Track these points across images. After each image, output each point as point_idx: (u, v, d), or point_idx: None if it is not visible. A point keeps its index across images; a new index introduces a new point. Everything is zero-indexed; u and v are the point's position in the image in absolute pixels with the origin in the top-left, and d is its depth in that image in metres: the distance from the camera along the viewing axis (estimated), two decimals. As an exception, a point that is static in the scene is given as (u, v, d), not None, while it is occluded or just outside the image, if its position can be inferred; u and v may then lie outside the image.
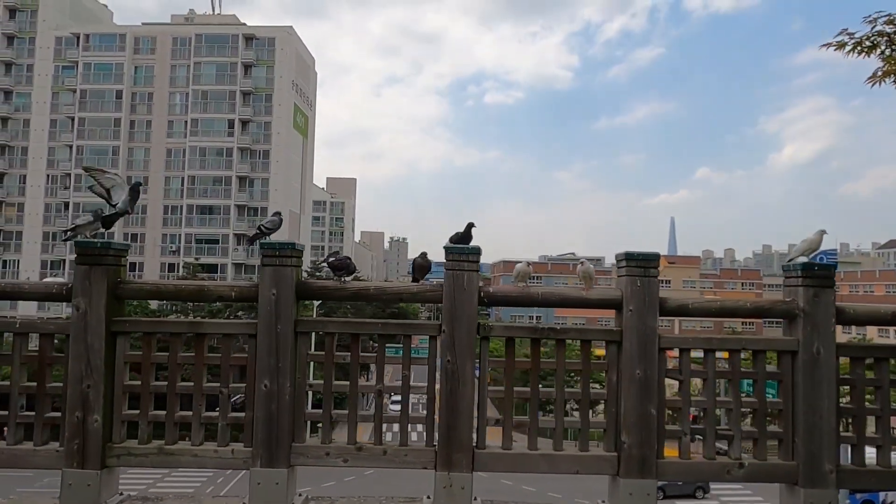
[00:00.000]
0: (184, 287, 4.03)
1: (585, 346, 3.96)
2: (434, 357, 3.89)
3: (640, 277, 3.82)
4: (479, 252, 3.85)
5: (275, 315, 3.78)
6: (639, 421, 3.77)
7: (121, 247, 3.90)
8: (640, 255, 3.85)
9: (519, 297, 3.96)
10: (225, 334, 3.93)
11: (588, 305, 3.98)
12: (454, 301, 3.81)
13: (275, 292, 3.79)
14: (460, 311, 3.80)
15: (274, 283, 3.79)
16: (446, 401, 3.78)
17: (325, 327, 3.92)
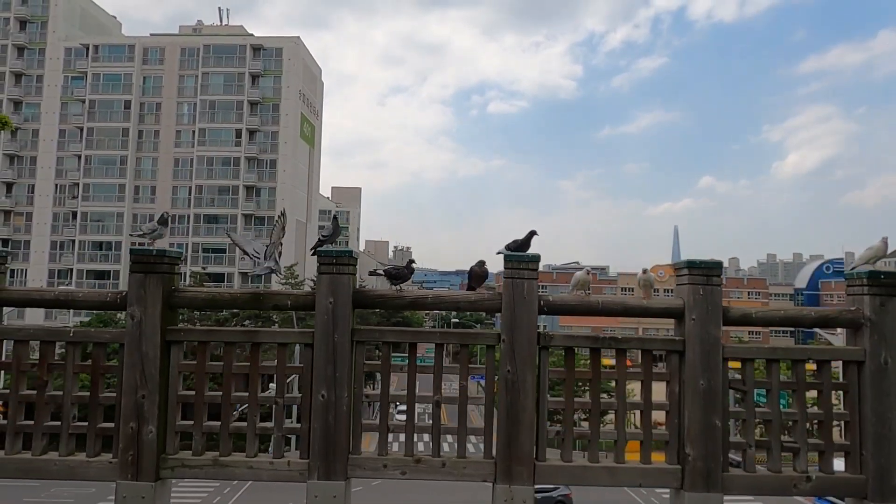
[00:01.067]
0: (239, 296, 3.97)
1: (646, 356, 3.88)
2: (492, 367, 3.82)
3: (703, 286, 3.75)
4: (538, 260, 3.79)
5: (332, 324, 3.72)
6: (703, 433, 3.69)
7: (175, 255, 3.85)
8: (703, 263, 3.79)
9: (579, 305, 3.89)
10: (280, 343, 3.87)
11: (649, 314, 3.91)
12: (514, 310, 3.74)
13: (332, 301, 3.73)
14: (520, 320, 3.73)
15: (331, 292, 3.74)
16: (506, 412, 3.70)
17: (382, 336, 3.86)
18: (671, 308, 3.85)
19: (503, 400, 3.71)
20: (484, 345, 3.84)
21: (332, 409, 3.68)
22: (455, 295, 4.02)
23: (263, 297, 3.86)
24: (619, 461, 3.78)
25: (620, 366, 3.84)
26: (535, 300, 3.75)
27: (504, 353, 3.73)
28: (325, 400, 3.69)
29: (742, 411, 3.81)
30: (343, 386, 3.70)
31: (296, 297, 3.86)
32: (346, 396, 3.71)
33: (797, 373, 3.83)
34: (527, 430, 3.69)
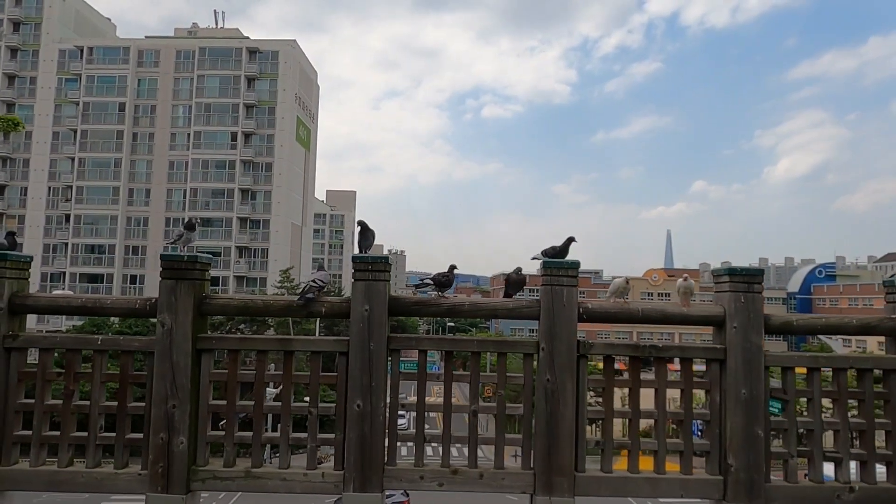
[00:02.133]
0: (272, 303, 3.88)
1: (686, 365, 3.83)
2: (530, 375, 3.75)
3: (745, 293, 3.70)
4: (578, 266, 3.73)
5: (368, 332, 3.64)
6: (746, 443, 3.63)
7: (206, 260, 3.76)
8: (744, 270, 3.73)
9: (618, 313, 3.83)
10: (313, 352, 3.78)
11: (689, 322, 3.85)
12: (553, 317, 3.67)
13: (367, 308, 3.65)
14: (559, 328, 3.66)
15: (367, 299, 3.66)
16: (545, 422, 3.63)
17: (419, 344, 3.78)
18: (711, 316, 3.79)
19: (542, 409, 3.64)
20: (522, 353, 3.77)
21: (368, 419, 3.60)
22: (493, 302, 3.94)
23: (296, 304, 3.76)
24: (659, 472, 3.71)
25: (660, 374, 3.78)
26: (575, 308, 3.68)
27: (543, 361, 3.66)
28: (361, 410, 3.60)
29: (784, 420, 3.75)
30: (379, 395, 3.62)
31: (331, 304, 3.76)
32: (382, 406, 3.63)
33: (839, 382, 3.79)
34: (566, 440, 3.62)
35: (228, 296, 3.85)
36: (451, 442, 3.71)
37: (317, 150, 72.84)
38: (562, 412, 3.63)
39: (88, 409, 3.66)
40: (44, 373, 3.68)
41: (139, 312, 3.75)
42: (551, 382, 3.64)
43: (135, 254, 59.54)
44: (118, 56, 61.41)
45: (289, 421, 3.71)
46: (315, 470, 3.66)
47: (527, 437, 3.70)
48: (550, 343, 3.66)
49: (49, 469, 3.61)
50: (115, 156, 59.76)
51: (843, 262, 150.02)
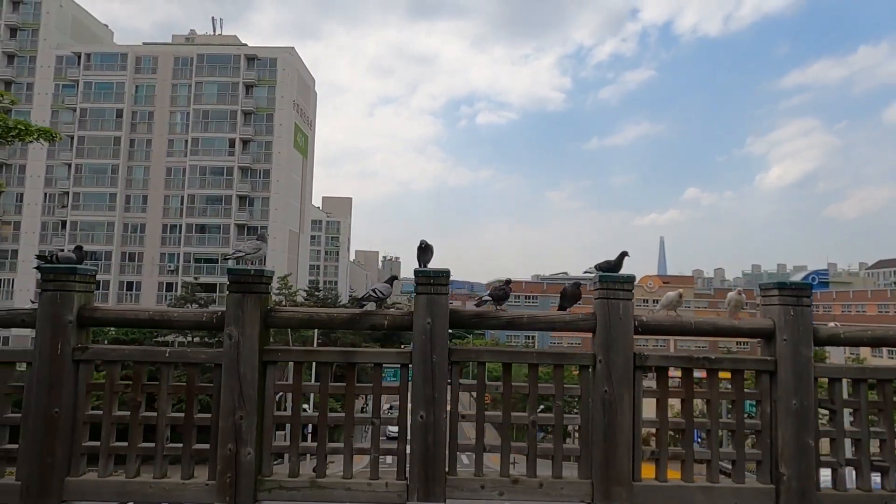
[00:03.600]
0: (336, 315, 3.96)
1: (737, 376, 3.94)
2: (587, 387, 3.84)
3: (794, 306, 3.82)
4: (633, 280, 3.84)
5: (430, 344, 3.73)
6: (797, 452, 3.74)
7: (270, 273, 3.84)
8: (794, 284, 3.86)
9: (672, 325, 3.94)
10: (376, 364, 3.87)
11: (740, 335, 3.97)
12: (609, 330, 3.78)
13: (430, 321, 3.74)
14: (616, 340, 3.77)
15: (429, 312, 3.75)
16: (603, 432, 3.72)
17: (479, 356, 3.87)
18: (761, 328, 3.90)
19: (600, 420, 3.73)
20: (579, 365, 3.87)
21: (432, 430, 3.68)
22: (550, 315, 4.04)
23: (360, 317, 3.85)
24: (713, 481, 3.81)
25: (713, 385, 3.89)
26: (631, 320, 3.79)
27: (600, 373, 3.76)
28: (424, 421, 3.69)
29: (832, 430, 3.87)
30: (442, 406, 3.70)
31: (392, 317, 3.86)
32: (445, 417, 3.72)
33: (884, 392, 3.91)
34: (624, 450, 3.72)
35: (293, 309, 3.93)
36: (510, 451, 3.80)
37: (314, 157, 72.93)
38: (619, 422, 3.72)
39: (155, 421, 3.72)
40: (112, 385, 3.74)
41: (206, 325, 3.82)
42: (609, 393, 3.74)
43: (131, 260, 59.27)
44: (116, 62, 61.37)
45: (352, 430, 3.79)
46: (378, 480, 3.74)
47: (584, 447, 3.80)
48: (607, 355, 3.76)
49: (117, 480, 3.67)
50: (112, 162, 59.62)
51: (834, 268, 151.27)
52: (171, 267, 58.58)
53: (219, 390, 3.72)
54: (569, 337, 69.96)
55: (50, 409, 3.62)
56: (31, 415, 3.63)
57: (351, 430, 3.79)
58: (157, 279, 58.40)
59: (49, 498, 3.58)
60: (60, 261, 3.83)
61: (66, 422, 3.65)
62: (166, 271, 58.65)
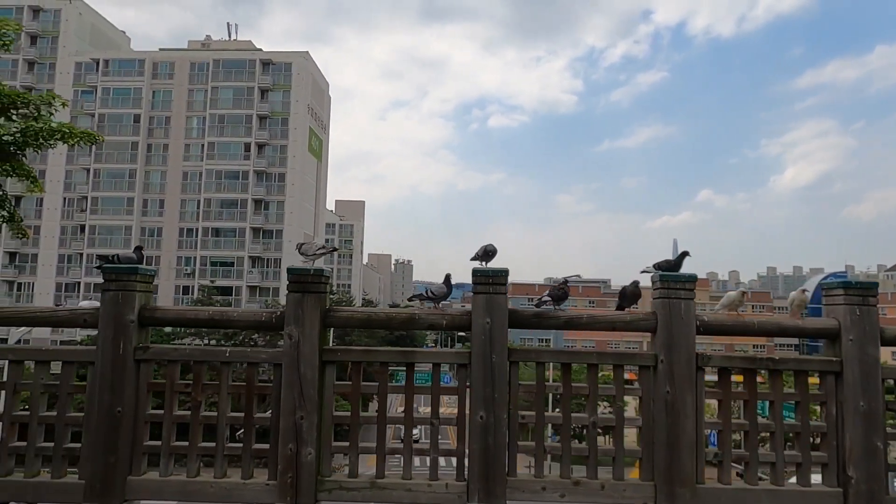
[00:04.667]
0: (395, 315, 3.95)
1: (801, 377, 3.86)
2: (648, 387, 3.79)
3: (860, 306, 3.74)
4: (695, 280, 3.78)
5: (489, 344, 3.70)
6: (865, 455, 3.66)
7: (328, 274, 3.84)
8: (859, 283, 3.78)
9: (735, 326, 3.88)
10: (434, 364, 3.85)
11: (804, 334, 3.90)
12: (671, 330, 3.73)
13: (489, 321, 3.71)
14: (678, 340, 3.72)
15: (488, 312, 3.72)
16: (666, 434, 3.67)
17: (539, 357, 3.84)
18: (826, 328, 3.83)
19: (663, 421, 3.68)
20: (639, 365, 3.82)
21: (492, 431, 3.65)
22: (610, 315, 4.00)
23: (419, 317, 3.83)
24: (777, 483, 3.74)
25: (777, 387, 3.82)
26: (693, 320, 3.73)
27: (662, 373, 3.71)
28: (484, 421, 3.66)
29: None
30: (502, 407, 3.67)
31: (452, 317, 3.83)
32: (505, 418, 3.68)
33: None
34: (687, 452, 3.66)
35: (352, 309, 3.92)
36: (570, 453, 3.76)
37: (328, 161, 73.30)
38: (682, 424, 3.67)
39: (216, 420, 3.73)
40: (172, 384, 3.76)
41: (266, 325, 3.82)
42: (671, 394, 3.68)
43: (148, 264, 59.46)
44: (133, 68, 62.19)
45: (410, 432, 3.77)
46: (438, 481, 3.71)
47: (647, 449, 3.74)
48: (669, 355, 3.71)
49: (179, 479, 3.68)
50: (129, 167, 60.36)
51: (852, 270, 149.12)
52: (188, 270, 59.10)
53: (279, 390, 3.71)
54: (582, 339, 69.64)
55: (113, 408, 3.64)
56: (93, 414, 3.65)
57: (410, 430, 3.77)
58: (174, 282, 58.92)
59: (112, 497, 3.60)
60: (122, 261, 3.85)
61: (128, 421, 3.66)
62: (183, 274, 59.17)
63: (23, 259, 59.23)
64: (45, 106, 10.45)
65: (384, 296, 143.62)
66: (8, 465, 3.72)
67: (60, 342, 49.04)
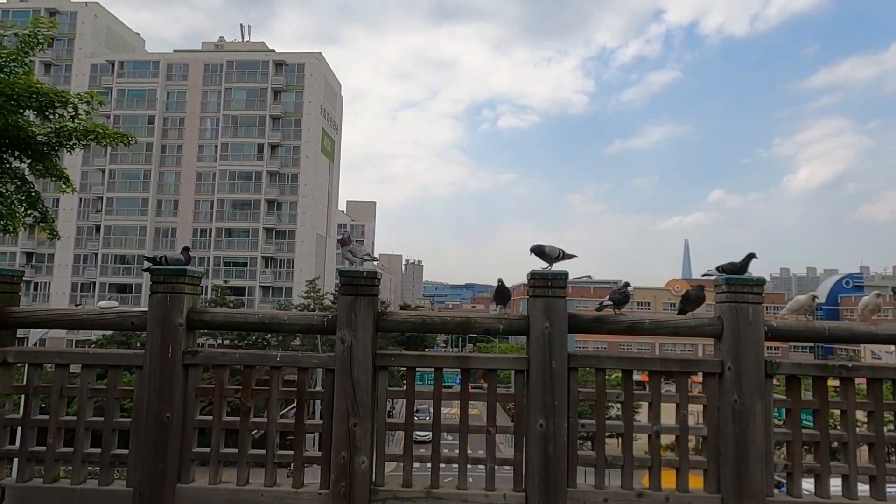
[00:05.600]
0: (450, 319, 3.82)
1: (875, 385, 3.69)
2: (714, 395, 3.64)
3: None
4: (763, 283, 3.63)
5: (549, 349, 3.57)
6: (946, 467, 3.48)
7: (380, 276, 3.72)
8: (938, 288, 3.61)
9: (805, 331, 3.72)
10: (489, 370, 3.72)
11: (877, 341, 3.73)
12: (738, 336, 3.57)
13: (548, 325, 3.58)
14: (746, 346, 3.56)
15: (546, 316, 3.58)
16: (734, 445, 3.51)
17: (599, 363, 3.69)
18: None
19: (730, 431, 3.53)
20: (704, 372, 3.67)
21: (552, 440, 3.51)
22: (674, 320, 3.85)
23: (474, 321, 3.71)
24: (851, 496, 3.57)
25: (849, 395, 3.66)
26: (762, 326, 3.58)
27: (729, 381, 3.56)
28: (544, 430, 3.52)
29: None
30: (562, 415, 3.54)
31: (509, 321, 3.70)
32: (565, 426, 3.55)
33: None
34: (756, 463, 3.50)
35: (405, 312, 3.80)
36: (633, 464, 3.61)
37: (340, 162, 73.42)
38: (751, 435, 3.51)
39: (265, 427, 3.62)
40: (221, 389, 3.65)
41: (317, 329, 3.71)
42: (739, 403, 3.53)
43: (163, 264, 60.22)
44: (148, 70, 62.62)
45: (466, 438, 3.64)
46: (495, 491, 3.58)
47: (712, 460, 3.59)
48: (737, 362, 3.56)
49: (228, 487, 3.57)
50: (144, 167, 60.75)
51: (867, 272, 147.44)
52: (202, 270, 59.29)
53: (331, 396, 3.60)
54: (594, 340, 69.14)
55: (161, 414, 3.54)
56: (142, 420, 3.56)
57: (465, 437, 3.64)
58: (188, 282, 59.19)
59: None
60: (170, 262, 3.76)
61: (177, 427, 3.56)
62: (197, 275, 59.41)
63: (39, 259, 59.79)
64: (84, 105, 10.41)
65: (395, 296, 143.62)
66: (54, 471, 3.64)
67: (76, 342, 49.43)
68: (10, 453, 3.64)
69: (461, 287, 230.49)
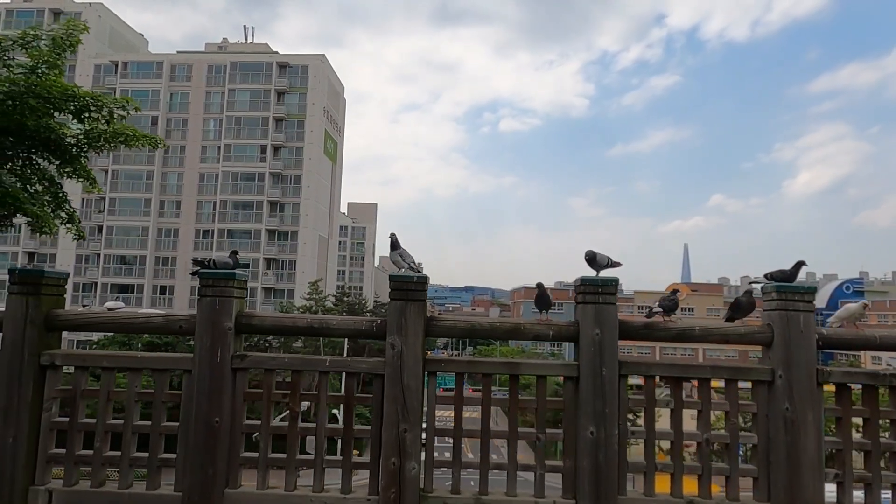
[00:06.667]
0: (499, 325, 3.81)
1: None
2: (763, 404, 3.62)
3: None
4: (814, 291, 3.61)
5: (599, 356, 3.55)
6: None
7: (427, 280, 3.70)
8: None
9: (856, 339, 3.70)
10: (539, 376, 3.70)
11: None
12: (789, 344, 3.56)
13: (598, 332, 3.56)
14: (797, 355, 3.54)
15: (597, 323, 3.57)
16: (786, 453, 3.50)
17: (649, 370, 3.68)
18: (952, 343, 3.65)
19: (781, 440, 3.51)
20: (754, 380, 3.65)
21: (603, 447, 3.50)
22: (724, 327, 3.84)
23: (524, 327, 3.69)
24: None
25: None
26: (813, 334, 3.57)
27: (780, 389, 3.54)
28: (595, 437, 3.50)
29: None
30: (613, 422, 3.52)
31: (558, 327, 3.69)
32: (616, 434, 3.53)
33: None
34: (809, 472, 3.48)
35: (454, 318, 3.78)
36: (683, 472, 3.60)
37: (342, 163, 73.45)
38: (803, 443, 3.50)
39: (314, 431, 3.60)
40: (269, 394, 3.64)
41: (366, 333, 3.70)
42: (791, 412, 3.51)
43: (164, 265, 60.22)
44: (151, 71, 62.71)
45: (516, 446, 3.62)
46: (544, 498, 3.56)
47: (762, 468, 3.58)
48: (788, 371, 3.54)
49: (277, 492, 3.55)
50: (147, 168, 60.79)
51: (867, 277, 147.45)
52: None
53: (380, 401, 3.58)
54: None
55: (211, 418, 3.53)
56: (191, 424, 3.54)
57: (515, 444, 3.63)
58: (190, 283, 59.14)
59: (210, 510, 3.48)
60: (218, 266, 3.74)
61: (225, 431, 3.54)
62: (199, 276, 59.38)
63: (41, 259, 59.72)
64: (119, 109, 10.41)
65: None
66: (101, 475, 3.62)
67: (76, 343, 49.28)
68: (57, 457, 3.61)
69: (461, 290, 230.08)
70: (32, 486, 3.55)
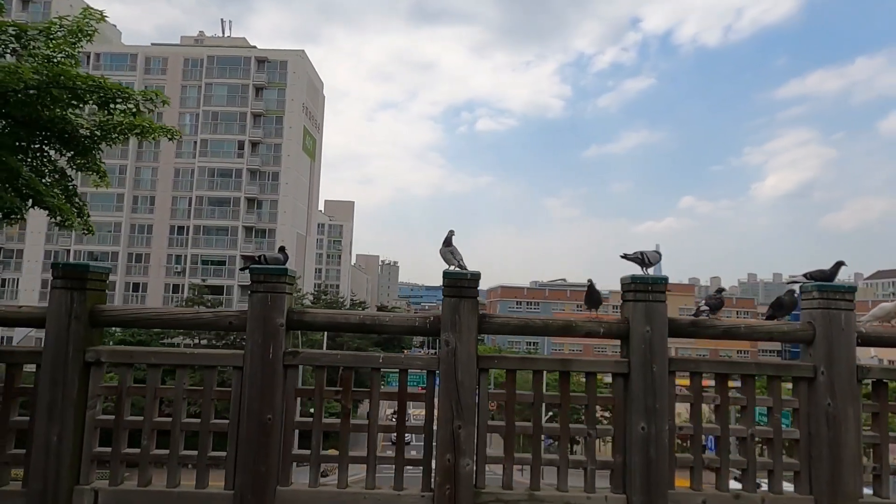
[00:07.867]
0: (552, 322, 3.84)
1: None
2: (805, 400, 3.73)
3: None
4: (854, 291, 3.73)
5: (650, 353, 3.61)
6: None
7: (478, 276, 3.71)
8: None
9: (893, 337, 3.84)
10: (589, 373, 3.75)
11: (960, 347, 3.87)
12: (831, 341, 3.67)
13: (649, 329, 3.63)
14: (839, 352, 3.66)
15: (647, 320, 3.63)
16: (828, 448, 3.61)
17: (697, 367, 3.75)
18: (980, 341, 3.81)
19: (823, 435, 3.62)
20: (795, 376, 3.76)
21: (654, 443, 3.56)
22: (767, 325, 3.93)
23: (575, 324, 3.73)
24: (935, 498, 3.70)
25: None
26: (854, 332, 3.69)
27: (822, 385, 3.65)
28: (646, 433, 3.56)
29: None
30: (663, 418, 3.59)
31: (609, 325, 3.74)
32: (666, 430, 3.60)
33: None
34: (849, 467, 3.60)
35: (507, 315, 3.80)
36: (728, 466, 3.69)
37: (321, 160, 72.82)
38: (844, 438, 3.61)
39: (366, 428, 3.58)
40: (320, 390, 3.61)
41: (419, 330, 3.70)
42: (832, 407, 3.63)
43: (138, 261, 58.89)
44: (125, 63, 61.24)
45: (567, 442, 3.66)
46: (596, 493, 3.61)
47: (804, 463, 3.68)
48: (830, 368, 3.66)
49: (329, 490, 3.53)
50: (119, 162, 59.22)
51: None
52: (178, 268, 58.21)
53: (431, 397, 3.59)
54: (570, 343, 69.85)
55: (263, 415, 3.48)
56: (242, 421, 3.49)
57: (566, 441, 3.67)
58: (164, 280, 58.02)
59: (263, 508, 3.44)
60: (269, 262, 3.69)
61: (277, 429, 3.51)
62: (173, 273, 58.27)
63: (7, 255, 57.86)
64: (147, 103, 10.11)
65: (371, 297, 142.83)
66: (148, 474, 3.54)
67: (46, 340, 47.82)
68: (102, 456, 3.53)
69: (436, 288, 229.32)
70: (77, 486, 3.46)
